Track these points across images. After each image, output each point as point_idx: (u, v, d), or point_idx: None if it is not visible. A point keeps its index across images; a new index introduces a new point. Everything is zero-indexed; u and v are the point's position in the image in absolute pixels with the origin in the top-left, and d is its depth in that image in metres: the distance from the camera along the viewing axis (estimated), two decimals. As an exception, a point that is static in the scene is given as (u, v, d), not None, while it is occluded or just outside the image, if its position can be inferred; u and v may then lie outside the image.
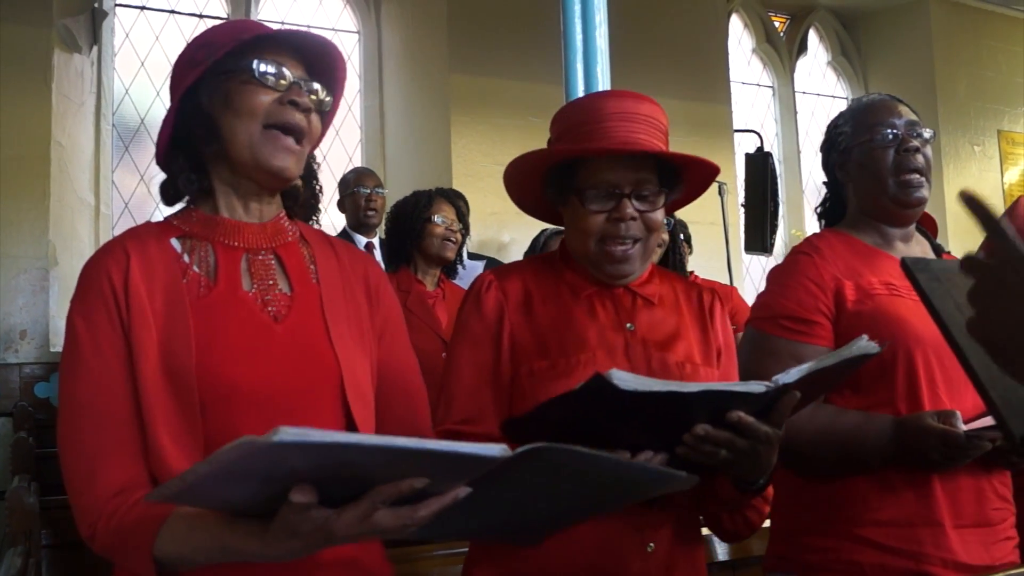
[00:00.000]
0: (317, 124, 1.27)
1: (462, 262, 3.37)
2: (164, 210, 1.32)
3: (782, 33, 6.89)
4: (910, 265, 1.20)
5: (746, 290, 5.78)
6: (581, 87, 2.60)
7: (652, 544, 1.38)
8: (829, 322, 1.65)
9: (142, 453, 1.13)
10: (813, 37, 7.06)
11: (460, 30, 5.14)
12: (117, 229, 4.61)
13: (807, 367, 1.23)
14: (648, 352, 1.43)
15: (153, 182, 4.73)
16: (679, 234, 3.23)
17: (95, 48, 4.67)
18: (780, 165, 6.56)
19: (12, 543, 2.14)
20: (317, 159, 1.39)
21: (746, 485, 1.34)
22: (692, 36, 5.81)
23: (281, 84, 1.23)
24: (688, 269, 3.42)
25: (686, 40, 5.76)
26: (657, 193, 1.44)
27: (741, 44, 6.74)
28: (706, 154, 1.47)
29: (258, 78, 1.22)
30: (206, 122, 1.24)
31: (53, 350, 4.13)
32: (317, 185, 1.38)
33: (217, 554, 1.04)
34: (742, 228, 5.09)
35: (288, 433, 0.81)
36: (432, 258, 3.17)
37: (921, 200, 1.71)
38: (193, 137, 1.25)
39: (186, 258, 1.23)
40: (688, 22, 5.81)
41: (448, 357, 1.47)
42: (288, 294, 1.26)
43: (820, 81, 7.07)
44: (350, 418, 1.23)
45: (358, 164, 5.19)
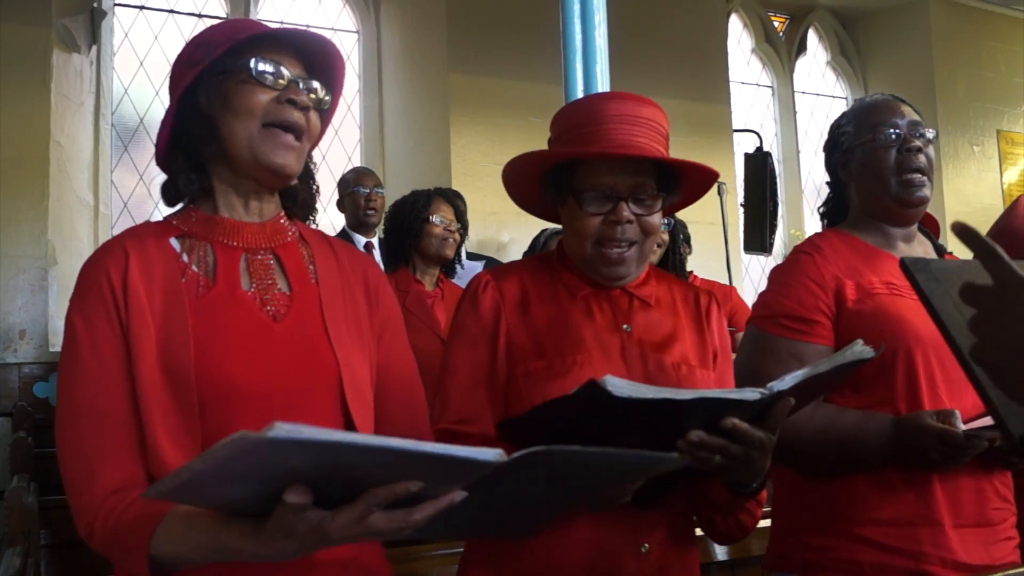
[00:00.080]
0: (316, 122, 1.27)
1: (461, 262, 3.37)
2: (163, 210, 1.32)
3: (781, 33, 6.89)
4: (909, 265, 1.19)
5: (745, 290, 5.78)
6: (580, 87, 2.60)
7: (647, 545, 1.38)
8: (830, 321, 1.66)
9: (140, 453, 1.13)
10: (812, 37, 7.06)
11: (459, 30, 5.14)
12: (116, 229, 4.61)
13: (801, 373, 1.23)
14: (644, 354, 1.43)
15: (153, 183, 4.73)
16: (679, 234, 3.22)
17: (94, 48, 4.67)
18: (779, 165, 6.56)
19: (11, 543, 2.14)
20: (315, 159, 1.39)
21: (740, 488, 1.34)
22: (691, 36, 5.81)
23: (279, 83, 1.23)
24: (687, 269, 3.42)
25: (685, 40, 5.76)
26: (654, 197, 1.43)
27: (740, 44, 6.74)
28: (705, 154, 1.48)
29: (256, 77, 1.22)
30: (205, 122, 1.24)
31: (52, 350, 4.13)
32: (314, 185, 1.38)
33: (213, 553, 1.03)
34: (741, 228, 5.09)
35: (283, 429, 0.81)
36: (430, 257, 3.17)
37: (923, 200, 1.71)
38: (192, 137, 1.25)
39: (185, 258, 1.23)
40: (687, 22, 5.81)
41: (444, 357, 1.47)
42: (287, 294, 1.26)
43: (819, 81, 7.07)
44: (349, 418, 1.23)
45: (357, 164, 5.19)
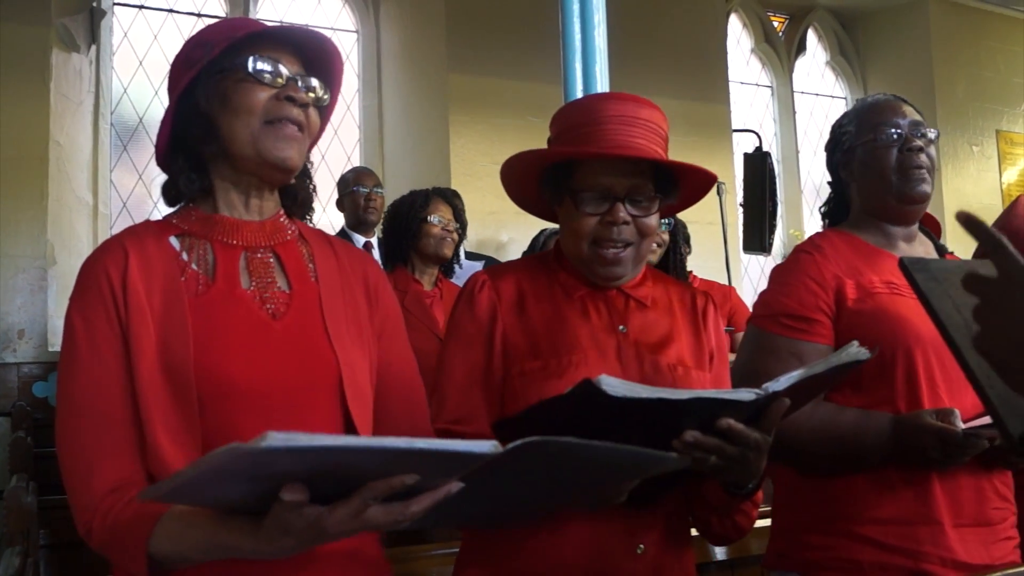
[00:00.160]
0: (316, 119, 1.27)
1: (459, 262, 3.37)
2: (162, 209, 1.32)
3: (781, 33, 6.89)
4: (908, 265, 1.19)
5: (744, 290, 5.79)
6: (580, 87, 2.60)
7: (642, 546, 1.38)
8: (830, 320, 1.66)
9: (139, 452, 1.13)
10: (812, 37, 7.06)
11: (459, 30, 5.14)
12: (115, 228, 4.61)
13: (797, 375, 1.23)
14: (640, 354, 1.43)
15: (153, 182, 4.72)
16: (680, 234, 3.22)
17: (93, 47, 4.67)
18: (779, 165, 6.56)
19: (10, 542, 2.15)
20: (314, 159, 1.38)
21: (736, 490, 1.35)
22: (691, 36, 5.82)
23: (278, 81, 1.23)
24: (687, 269, 3.42)
25: (685, 40, 5.76)
26: (652, 199, 1.43)
27: (740, 44, 6.74)
28: (705, 154, 1.48)
29: (254, 75, 1.22)
30: (204, 121, 1.24)
31: (51, 349, 4.13)
32: (311, 184, 1.38)
33: (211, 551, 1.04)
34: (740, 228, 5.09)
35: (276, 439, 0.81)
36: (429, 257, 3.16)
37: (924, 195, 1.72)
38: (192, 137, 1.25)
39: (184, 256, 1.23)
40: (687, 22, 5.82)
41: (441, 356, 1.47)
42: (287, 292, 1.26)
43: (819, 81, 7.08)
44: (348, 417, 1.23)
45: (357, 163, 5.19)
